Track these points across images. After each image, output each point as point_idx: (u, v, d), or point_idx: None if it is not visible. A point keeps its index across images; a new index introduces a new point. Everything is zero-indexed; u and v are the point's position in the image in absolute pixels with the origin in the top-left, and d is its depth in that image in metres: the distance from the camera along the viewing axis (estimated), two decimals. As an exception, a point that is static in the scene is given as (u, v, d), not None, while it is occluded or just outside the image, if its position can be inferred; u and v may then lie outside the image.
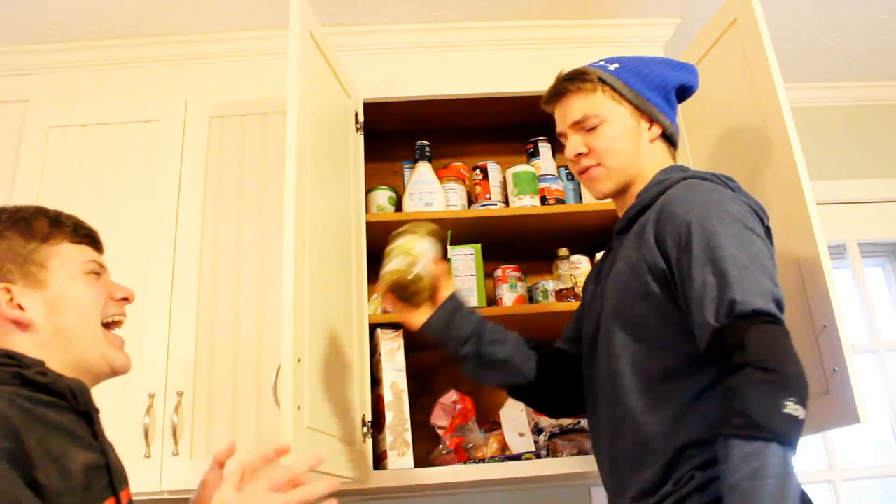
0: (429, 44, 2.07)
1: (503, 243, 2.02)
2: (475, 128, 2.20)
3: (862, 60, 2.37)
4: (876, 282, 2.46)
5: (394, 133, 2.14)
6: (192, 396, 1.65)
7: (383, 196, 1.96)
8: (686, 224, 1.05)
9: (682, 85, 1.29)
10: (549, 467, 1.65)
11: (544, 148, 2.06)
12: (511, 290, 1.90)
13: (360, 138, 1.83)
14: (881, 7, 2.11)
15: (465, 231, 1.90)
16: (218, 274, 1.76)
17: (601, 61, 1.28)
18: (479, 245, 1.87)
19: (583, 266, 1.93)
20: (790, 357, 0.94)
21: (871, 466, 2.30)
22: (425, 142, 2.00)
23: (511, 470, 1.63)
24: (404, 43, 2.07)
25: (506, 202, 1.99)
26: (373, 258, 1.78)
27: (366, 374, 1.63)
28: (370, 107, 1.91)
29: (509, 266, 1.94)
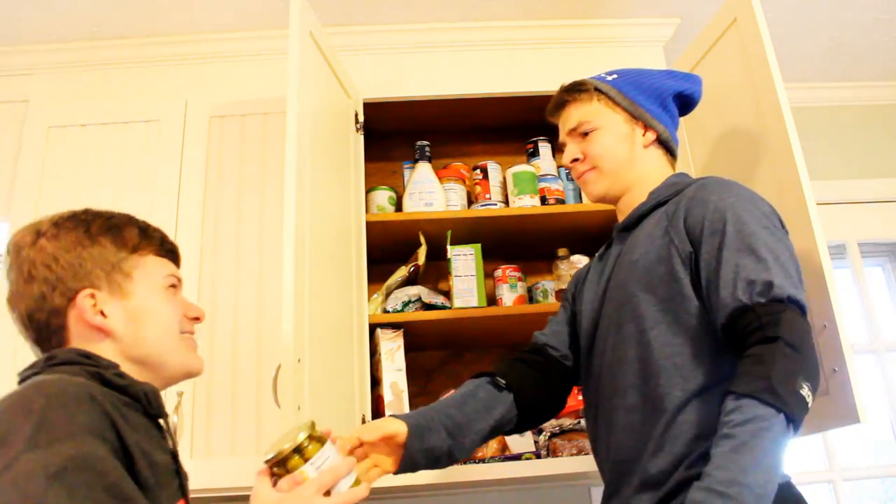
0: (429, 44, 2.07)
1: (503, 243, 2.02)
2: (475, 128, 2.20)
3: (862, 60, 2.37)
4: (876, 282, 2.46)
5: (394, 133, 2.14)
6: (192, 396, 1.64)
7: (383, 196, 1.96)
8: (721, 211, 1.07)
9: (681, 93, 1.31)
10: (549, 467, 1.65)
11: (544, 148, 2.06)
12: (511, 290, 1.90)
13: (360, 138, 1.83)
14: (881, 7, 2.11)
15: (465, 231, 1.90)
16: (218, 274, 1.76)
17: (602, 73, 1.33)
18: (479, 245, 1.87)
19: (583, 266, 1.93)
20: (814, 350, 0.98)
21: (871, 466, 2.30)
22: (425, 142, 2.00)
23: (511, 470, 1.63)
24: (404, 43, 2.07)
25: (506, 202, 1.99)
26: (373, 258, 1.79)
27: (366, 374, 1.63)
28: (370, 107, 1.91)
29: (509, 266, 1.94)
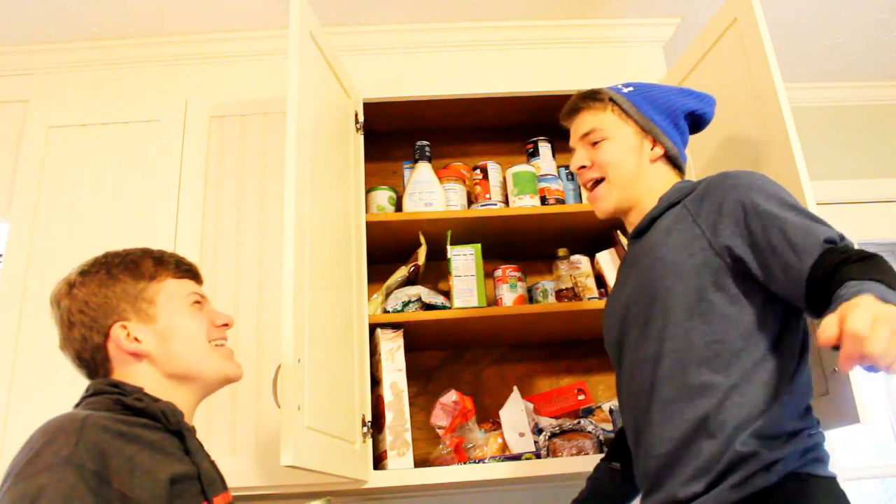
0: (429, 44, 2.07)
1: (503, 243, 2.02)
2: (475, 128, 2.20)
3: (862, 60, 2.37)
4: (876, 282, 2.45)
5: (394, 133, 2.14)
6: (192, 396, 1.64)
7: (383, 196, 1.96)
8: (744, 187, 1.11)
9: (693, 111, 1.33)
10: (549, 467, 1.65)
11: (544, 148, 2.06)
12: (511, 290, 1.90)
13: (360, 138, 1.83)
14: (881, 7, 2.11)
15: (465, 231, 1.90)
16: (218, 273, 1.76)
17: (619, 84, 1.35)
18: (479, 245, 1.87)
19: (583, 266, 1.93)
20: None
21: (871, 466, 2.29)
22: (425, 142, 2.00)
23: (511, 470, 1.63)
24: (404, 43, 2.07)
25: (506, 202, 1.99)
26: (373, 258, 1.79)
27: (366, 374, 1.63)
28: (370, 107, 1.92)
29: (509, 266, 1.94)
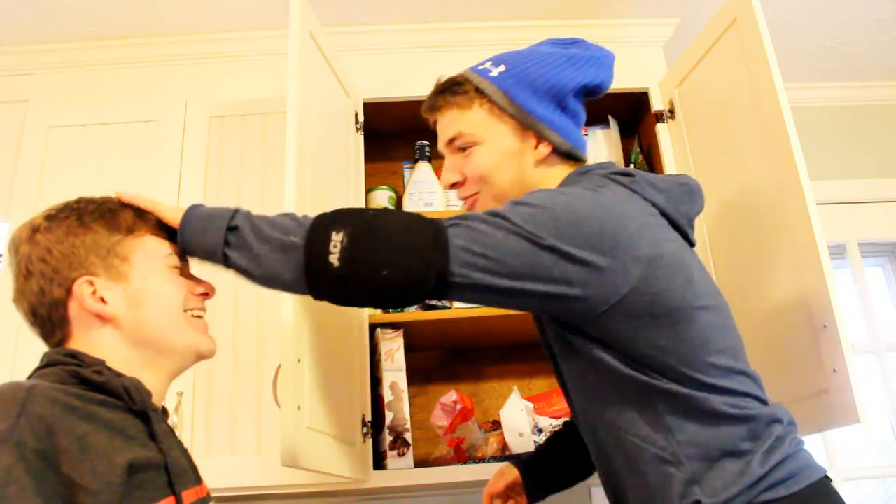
0: (429, 44, 2.07)
1: (503, 243, 2.01)
2: (475, 128, 2.20)
3: (862, 60, 2.37)
4: (876, 282, 2.46)
5: (394, 133, 2.13)
6: (192, 396, 1.64)
7: (383, 196, 1.96)
8: None
9: (585, 86, 1.09)
10: (549, 467, 1.65)
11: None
12: (511, 290, 1.89)
13: (360, 138, 1.83)
14: (881, 7, 2.11)
15: (465, 231, 1.89)
16: (218, 273, 1.76)
17: (487, 62, 1.13)
18: (479, 245, 1.87)
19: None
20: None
21: (871, 466, 2.30)
22: (425, 142, 2.00)
23: (511, 470, 1.63)
24: (404, 43, 2.07)
25: (506, 202, 1.99)
26: (373, 258, 1.78)
27: (366, 374, 1.63)
28: (370, 107, 1.91)
29: (509, 266, 1.93)
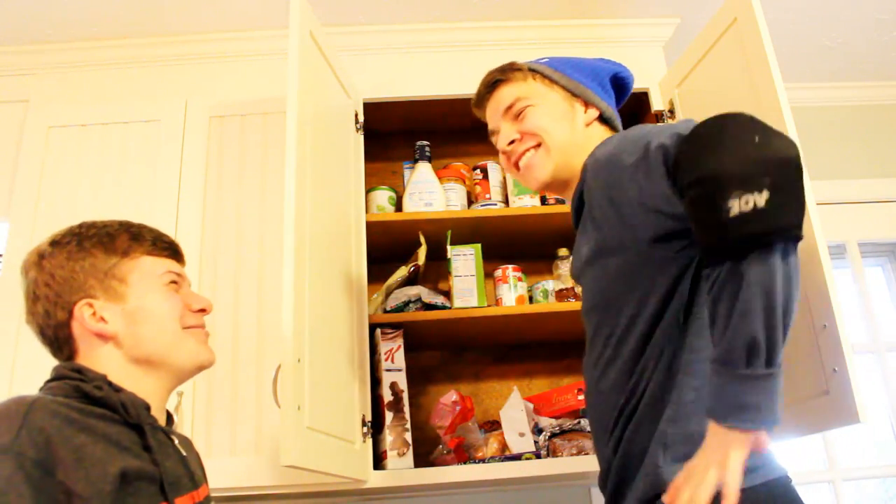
0: (429, 44, 2.07)
1: (503, 243, 2.02)
2: (475, 128, 2.18)
3: (862, 60, 2.37)
4: (876, 282, 2.46)
5: (394, 133, 2.14)
6: (192, 396, 1.64)
7: (383, 196, 1.96)
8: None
9: (617, 74, 1.26)
10: (549, 467, 1.65)
11: (544, 148, 2.06)
12: (511, 290, 1.90)
13: (360, 138, 1.83)
14: (881, 7, 2.11)
15: (465, 231, 1.90)
16: (218, 273, 1.76)
17: (530, 60, 1.26)
18: (479, 245, 1.87)
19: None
20: None
21: (871, 466, 2.30)
22: (425, 142, 2.00)
23: (511, 470, 1.63)
24: (404, 43, 2.07)
25: (506, 202, 1.99)
26: (373, 258, 1.79)
27: (366, 374, 1.63)
28: (370, 107, 1.91)
29: (509, 266, 1.94)
